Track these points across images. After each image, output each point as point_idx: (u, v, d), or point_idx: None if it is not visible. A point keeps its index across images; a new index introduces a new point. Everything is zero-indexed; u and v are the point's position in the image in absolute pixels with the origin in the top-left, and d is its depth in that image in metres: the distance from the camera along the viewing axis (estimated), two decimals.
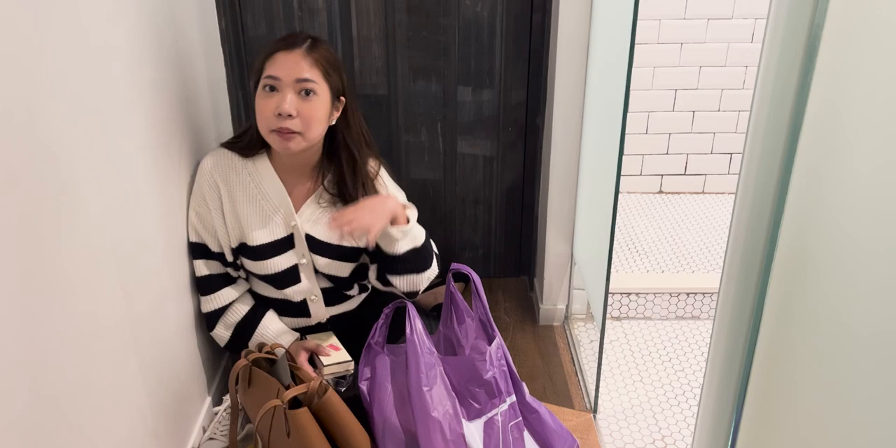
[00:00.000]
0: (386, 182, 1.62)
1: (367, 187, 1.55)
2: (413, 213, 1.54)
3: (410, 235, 1.50)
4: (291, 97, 1.39)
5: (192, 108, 1.62)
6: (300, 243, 1.56)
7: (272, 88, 1.40)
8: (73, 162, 1.03)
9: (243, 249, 1.55)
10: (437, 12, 2.03)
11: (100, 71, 1.14)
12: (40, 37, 0.96)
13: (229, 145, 1.55)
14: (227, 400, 1.59)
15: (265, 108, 1.41)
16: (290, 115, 1.39)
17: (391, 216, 1.45)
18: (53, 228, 0.97)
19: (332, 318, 1.68)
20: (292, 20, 2.02)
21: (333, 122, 1.50)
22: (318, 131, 1.45)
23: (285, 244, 1.55)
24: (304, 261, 1.57)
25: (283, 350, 1.47)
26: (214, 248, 1.54)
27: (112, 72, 1.19)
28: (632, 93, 1.47)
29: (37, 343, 0.93)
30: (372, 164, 1.59)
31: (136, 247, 1.27)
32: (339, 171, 1.55)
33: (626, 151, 1.56)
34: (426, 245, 1.55)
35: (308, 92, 1.40)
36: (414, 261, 1.52)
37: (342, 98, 1.49)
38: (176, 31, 1.54)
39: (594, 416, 1.79)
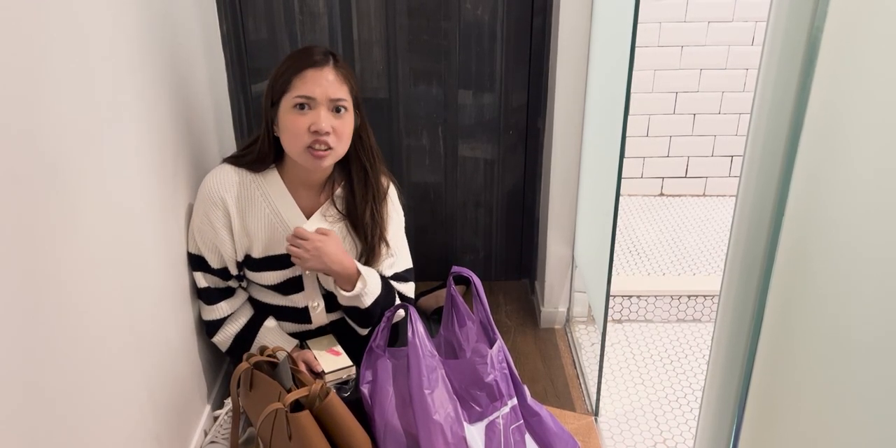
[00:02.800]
0: (391, 207, 1.62)
1: (376, 202, 1.56)
2: (370, 278, 1.54)
3: (353, 299, 1.53)
4: (325, 114, 1.41)
5: (193, 112, 1.62)
6: None
7: (303, 106, 1.41)
8: (72, 166, 1.03)
9: (248, 261, 1.55)
10: (437, 16, 2.03)
11: (101, 75, 1.14)
12: (42, 42, 0.96)
13: (235, 161, 1.53)
14: (228, 403, 1.58)
15: (298, 125, 1.41)
16: (326, 132, 1.41)
17: (334, 270, 1.49)
18: (53, 231, 0.98)
19: (334, 323, 1.68)
20: (293, 24, 2.02)
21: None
22: (347, 146, 1.48)
23: (289, 257, 1.55)
24: (307, 271, 1.57)
25: (285, 353, 1.47)
26: (214, 264, 1.53)
27: (113, 76, 1.19)
28: (632, 96, 1.47)
29: (36, 346, 0.93)
30: (382, 181, 1.59)
31: (137, 251, 1.27)
32: (350, 184, 1.56)
33: (626, 154, 1.56)
34: (372, 308, 1.56)
35: (340, 109, 1.44)
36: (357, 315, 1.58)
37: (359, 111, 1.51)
38: (177, 35, 1.54)
39: (595, 419, 1.79)
